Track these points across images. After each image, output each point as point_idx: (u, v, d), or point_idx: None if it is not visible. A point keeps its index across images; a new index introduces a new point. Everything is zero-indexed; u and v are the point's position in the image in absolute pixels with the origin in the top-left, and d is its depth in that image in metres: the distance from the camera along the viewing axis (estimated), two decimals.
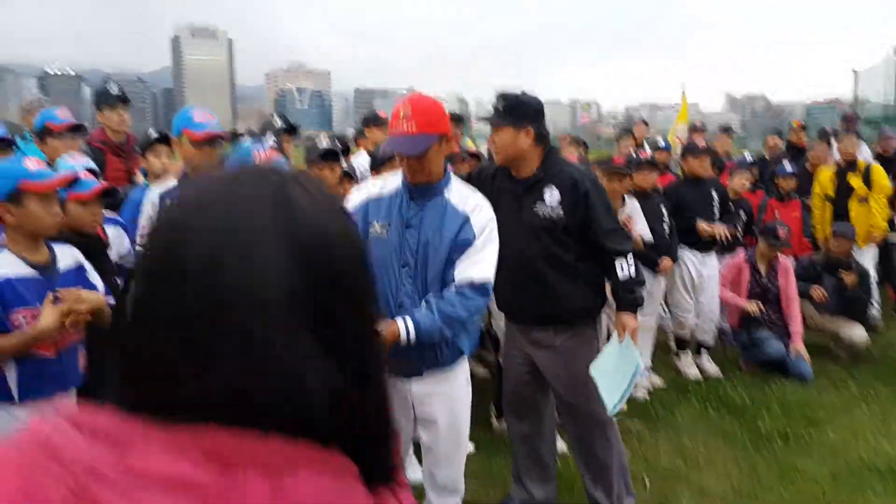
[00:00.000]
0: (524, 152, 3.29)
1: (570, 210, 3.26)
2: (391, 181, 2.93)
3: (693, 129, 9.27)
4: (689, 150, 6.05)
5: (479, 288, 2.71)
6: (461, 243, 2.74)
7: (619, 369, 3.29)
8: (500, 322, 4.17)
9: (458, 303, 2.67)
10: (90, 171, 3.55)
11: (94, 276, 2.82)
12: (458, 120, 8.59)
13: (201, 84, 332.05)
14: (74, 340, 2.65)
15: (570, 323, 3.42)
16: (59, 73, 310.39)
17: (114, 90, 4.87)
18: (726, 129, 9.19)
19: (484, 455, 4.46)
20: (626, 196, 5.15)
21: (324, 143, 4.00)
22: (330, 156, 3.88)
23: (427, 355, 2.78)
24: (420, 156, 2.68)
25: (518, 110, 3.28)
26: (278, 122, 4.90)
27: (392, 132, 2.71)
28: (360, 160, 5.49)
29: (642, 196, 5.42)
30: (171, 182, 3.57)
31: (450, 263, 2.75)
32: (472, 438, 3.94)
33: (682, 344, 6.17)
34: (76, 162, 3.54)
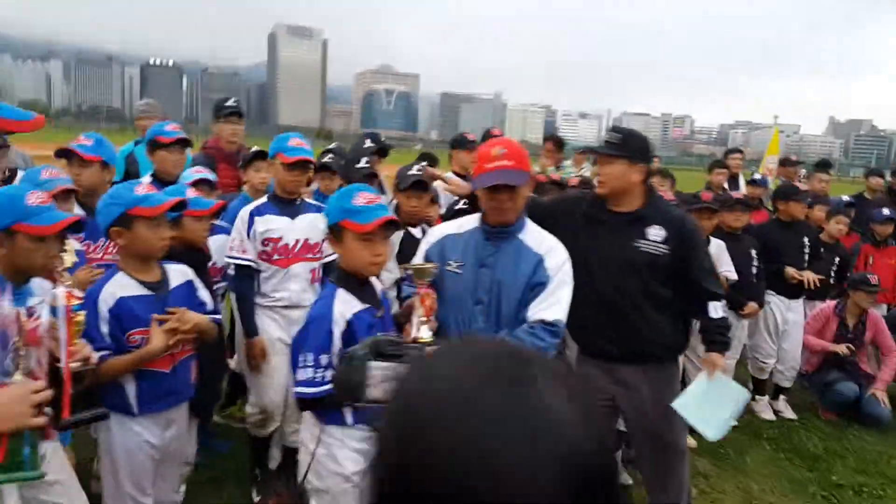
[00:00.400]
0: (632, 187, 3.28)
1: (675, 248, 3.24)
2: (468, 222, 3.02)
3: (785, 161, 8.92)
4: (788, 193, 5.83)
5: (550, 328, 2.76)
6: (535, 284, 2.79)
7: (713, 401, 3.31)
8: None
9: (529, 341, 2.71)
10: (207, 181, 3.81)
11: (203, 293, 2.94)
12: (560, 145, 8.48)
13: (294, 81, 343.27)
14: (186, 355, 2.80)
15: (660, 360, 3.42)
16: (160, 63, 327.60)
17: (230, 104, 5.22)
18: (824, 165, 8.73)
19: None
20: (710, 236, 5.05)
21: (413, 170, 4.10)
22: (419, 186, 3.98)
23: None
24: (517, 188, 2.76)
25: (632, 146, 3.29)
26: (368, 143, 5.03)
27: (489, 167, 2.75)
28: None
29: (732, 236, 5.28)
30: (262, 200, 3.81)
31: (523, 303, 2.79)
32: None
33: (759, 387, 5.98)
34: (198, 173, 3.89)
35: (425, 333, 2.68)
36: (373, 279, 2.74)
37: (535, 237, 2.89)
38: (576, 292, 3.19)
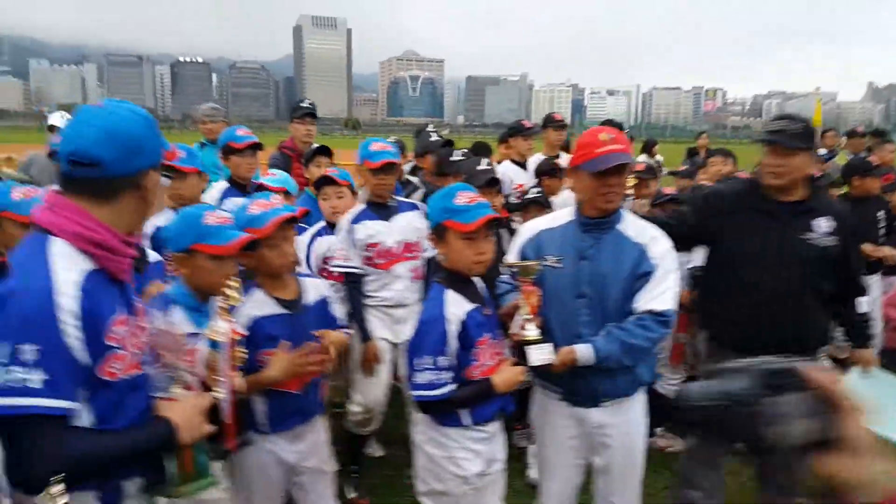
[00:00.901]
0: (805, 177, 3.24)
1: (842, 241, 3.19)
2: (562, 216, 3.01)
3: (852, 134, 8.66)
4: (863, 168, 5.68)
5: (660, 317, 2.74)
6: (640, 274, 2.77)
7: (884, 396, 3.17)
8: None
9: (639, 332, 2.72)
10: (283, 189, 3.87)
11: (336, 308, 2.90)
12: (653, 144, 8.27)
13: (320, 72, 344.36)
14: (316, 376, 2.73)
15: (810, 354, 3.30)
16: (189, 60, 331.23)
17: (305, 105, 5.37)
18: (881, 134, 8.46)
19: None
20: None
21: (483, 164, 4.10)
22: (493, 183, 3.97)
23: (606, 385, 2.83)
24: (625, 174, 2.77)
25: (810, 136, 3.22)
26: (435, 137, 5.06)
27: (599, 152, 2.71)
28: (504, 169, 5.58)
29: None
30: (359, 207, 3.88)
31: (629, 295, 2.78)
32: None
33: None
34: (274, 178, 4.04)
35: (532, 331, 2.69)
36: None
37: (635, 227, 2.87)
38: (730, 283, 3.14)
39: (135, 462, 1.72)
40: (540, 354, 2.67)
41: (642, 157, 6.40)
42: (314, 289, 2.81)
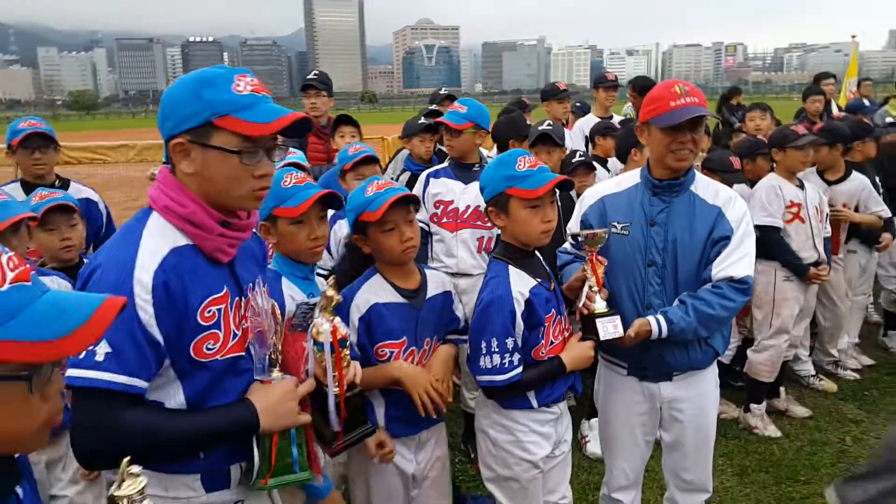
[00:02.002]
0: None
1: None
2: (628, 179, 2.79)
3: (865, 80, 8.31)
4: (861, 132, 5.36)
5: (738, 285, 2.53)
6: (717, 239, 2.56)
7: None
8: None
9: (716, 301, 2.51)
10: (297, 164, 3.68)
11: (459, 306, 2.65)
12: (644, 90, 8.14)
13: (333, 46, 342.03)
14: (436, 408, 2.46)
15: None
16: (199, 40, 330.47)
17: (309, 77, 5.10)
18: None
19: None
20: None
21: (545, 125, 3.94)
22: (548, 139, 3.81)
23: (678, 357, 2.65)
24: (700, 130, 2.55)
25: None
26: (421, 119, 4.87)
27: (675, 105, 2.48)
28: None
29: (859, 167, 4.95)
30: (444, 164, 3.88)
31: (704, 261, 2.58)
32: None
33: (892, 321, 5.79)
34: (289, 155, 3.72)
35: (600, 305, 2.51)
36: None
37: (709, 188, 2.66)
38: None
39: (218, 445, 1.63)
40: (610, 328, 2.49)
41: None
42: (437, 283, 2.58)
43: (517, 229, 2.46)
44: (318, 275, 2.44)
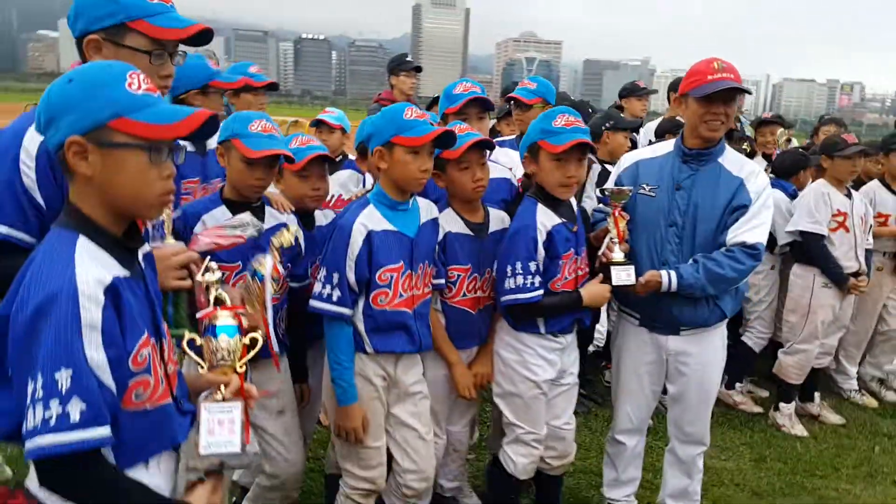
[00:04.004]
0: None
1: None
2: (663, 146, 3.07)
3: None
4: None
5: (750, 250, 2.78)
6: (736, 207, 2.81)
7: None
8: None
9: (727, 263, 2.77)
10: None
11: None
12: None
13: (436, 52, 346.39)
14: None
15: None
16: (311, 37, 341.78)
17: (410, 59, 5.61)
18: None
19: None
20: None
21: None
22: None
23: (686, 313, 2.90)
24: (733, 105, 2.81)
25: None
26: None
27: (713, 77, 2.74)
28: None
29: None
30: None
31: (721, 227, 2.83)
32: None
33: None
34: (332, 115, 4.44)
35: (618, 255, 2.82)
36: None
37: (735, 161, 2.91)
38: None
39: None
40: (623, 275, 2.79)
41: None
42: (498, 220, 2.93)
43: (542, 176, 2.79)
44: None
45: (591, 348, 4.14)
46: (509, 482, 3.00)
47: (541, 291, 2.74)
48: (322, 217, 2.99)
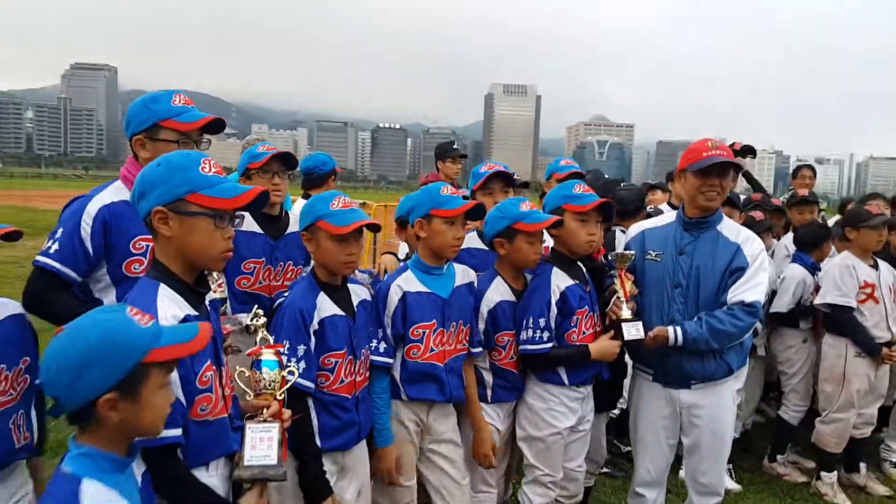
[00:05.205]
0: None
1: None
2: (665, 218, 3.42)
3: None
4: None
5: (748, 308, 3.05)
6: (734, 269, 3.10)
7: None
8: None
9: (727, 320, 3.04)
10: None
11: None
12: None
13: (507, 137, 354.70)
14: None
15: None
16: (387, 126, 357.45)
17: (456, 146, 6.12)
18: None
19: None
20: None
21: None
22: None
23: (695, 366, 3.16)
24: (727, 177, 3.13)
25: None
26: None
27: (708, 154, 3.08)
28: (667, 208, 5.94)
29: None
30: None
31: (722, 288, 3.11)
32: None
33: None
34: None
35: (626, 312, 3.13)
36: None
37: (732, 228, 3.21)
38: None
39: None
40: (633, 331, 3.08)
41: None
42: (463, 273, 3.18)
43: (566, 238, 3.14)
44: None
45: (616, 411, 4.31)
46: None
47: (549, 345, 3.06)
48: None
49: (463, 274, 3.10)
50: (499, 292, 3.14)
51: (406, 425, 2.95)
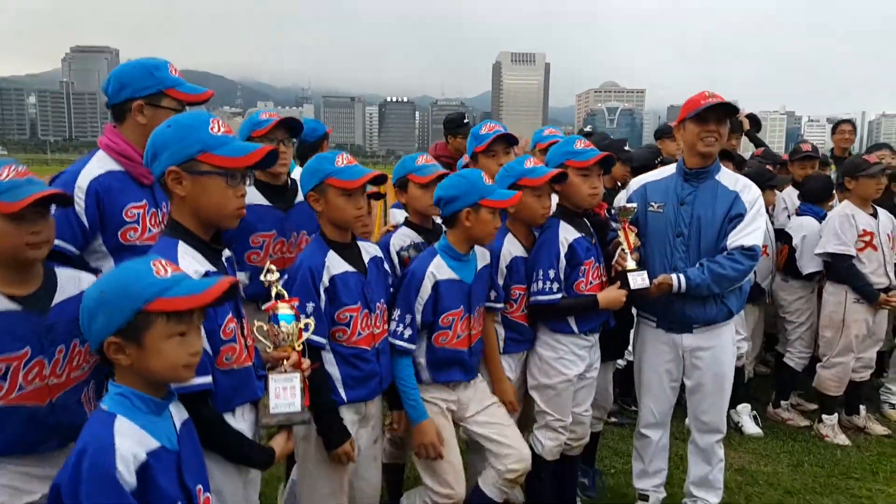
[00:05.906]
0: None
1: None
2: (666, 170, 3.56)
3: None
4: None
5: (748, 252, 3.22)
6: (733, 216, 3.26)
7: None
8: None
9: (727, 264, 3.21)
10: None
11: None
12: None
13: (516, 107, 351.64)
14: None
15: None
16: (395, 100, 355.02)
17: (467, 120, 6.16)
18: None
19: None
20: None
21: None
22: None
23: (697, 311, 3.34)
24: (725, 125, 3.26)
25: None
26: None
27: (705, 102, 3.21)
28: None
29: None
30: None
31: (722, 234, 3.27)
32: None
33: None
34: None
35: (631, 263, 3.30)
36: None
37: (730, 177, 3.36)
38: None
39: None
40: (639, 280, 3.26)
41: None
42: (483, 257, 3.20)
43: (571, 192, 3.28)
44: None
45: (621, 362, 4.47)
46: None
47: (559, 295, 3.23)
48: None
49: (482, 256, 3.16)
50: (513, 247, 3.28)
51: (434, 402, 3.02)
